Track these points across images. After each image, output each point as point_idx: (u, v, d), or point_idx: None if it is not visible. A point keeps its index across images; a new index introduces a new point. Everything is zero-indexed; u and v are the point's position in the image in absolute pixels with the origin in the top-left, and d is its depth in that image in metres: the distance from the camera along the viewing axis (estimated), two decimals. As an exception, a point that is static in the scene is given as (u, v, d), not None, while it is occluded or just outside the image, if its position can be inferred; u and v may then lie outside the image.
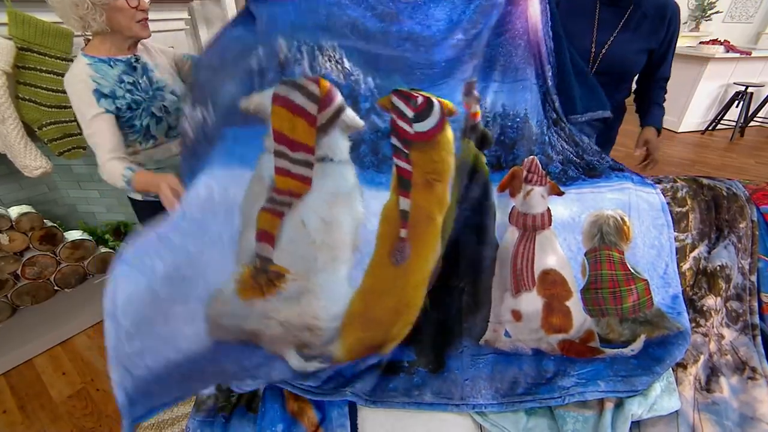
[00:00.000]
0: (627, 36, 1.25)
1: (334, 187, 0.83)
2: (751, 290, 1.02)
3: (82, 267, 1.90)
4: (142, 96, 1.07)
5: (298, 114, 0.81)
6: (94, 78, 1.00)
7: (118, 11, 0.95)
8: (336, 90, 0.84)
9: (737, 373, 0.94)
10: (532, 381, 0.92)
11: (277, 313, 0.80)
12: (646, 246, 1.00)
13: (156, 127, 1.12)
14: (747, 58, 3.99)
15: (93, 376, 1.54)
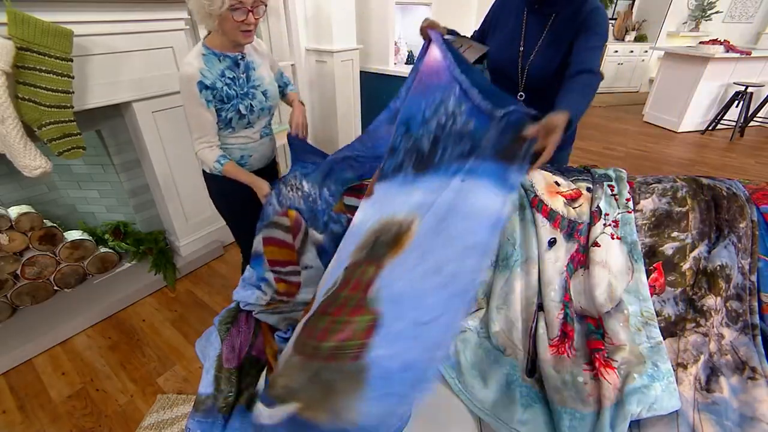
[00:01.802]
0: (549, 48, 1.19)
1: (315, 287, 1.01)
2: (751, 290, 1.02)
3: (81, 267, 1.90)
4: (236, 91, 1.22)
5: (282, 246, 1.08)
6: (201, 70, 1.14)
7: (225, 21, 1.08)
8: (300, 216, 1.09)
9: (737, 372, 0.94)
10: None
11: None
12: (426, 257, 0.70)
13: (237, 122, 1.26)
14: (747, 58, 3.99)
15: (92, 376, 1.54)
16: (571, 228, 1.11)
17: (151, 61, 1.71)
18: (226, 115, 1.22)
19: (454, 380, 0.98)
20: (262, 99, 1.29)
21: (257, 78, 1.27)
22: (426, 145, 0.87)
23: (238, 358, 0.99)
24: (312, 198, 1.12)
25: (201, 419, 0.90)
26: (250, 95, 1.25)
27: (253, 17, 1.10)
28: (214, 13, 1.05)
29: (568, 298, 1.06)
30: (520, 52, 1.24)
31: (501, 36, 1.29)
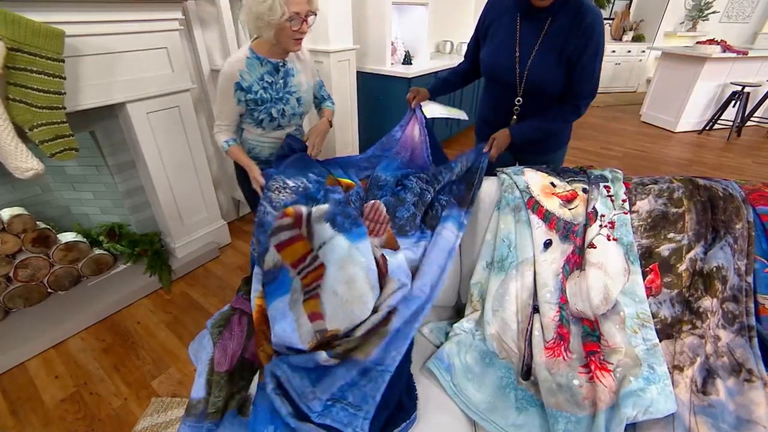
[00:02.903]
0: (544, 53, 1.20)
1: (338, 257, 1.03)
2: (747, 291, 1.02)
3: (76, 269, 1.88)
4: (271, 95, 1.30)
5: (295, 241, 1.07)
6: (241, 72, 1.24)
7: (282, 30, 1.17)
8: (297, 206, 1.09)
9: (733, 375, 0.93)
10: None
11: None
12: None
13: (268, 124, 1.35)
14: (743, 57, 4.00)
15: (86, 379, 1.53)
16: (567, 229, 1.11)
17: (146, 61, 1.70)
18: (258, 116, 1.32)
19: (449, 383, 0.98)
20: (295, 105, 1.37)
21: (294, 84, 1.35)
22: (428, 203, 1.18)
23: (231, 362, 0.97)
24: (302, 187, 1.16)
25: (193, 424, 0.89)
26: (284, 100, 1.33)
27: (306, 26, 1.19)
28: (273, 22, 1.13)
29: (563, 300, 1.05)
30: (517, 58, 1.24)
31: (495, 42, 1.30)
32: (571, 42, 1.16)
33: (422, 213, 1.15)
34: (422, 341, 1.11)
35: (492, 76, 1.35)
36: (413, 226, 1.13)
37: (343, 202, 1.15)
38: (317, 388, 0.88)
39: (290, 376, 0.90)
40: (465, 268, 1.23)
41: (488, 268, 1.14)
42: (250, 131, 1.40)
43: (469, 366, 1.01)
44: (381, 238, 1.12)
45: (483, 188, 1.21)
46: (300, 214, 1.08)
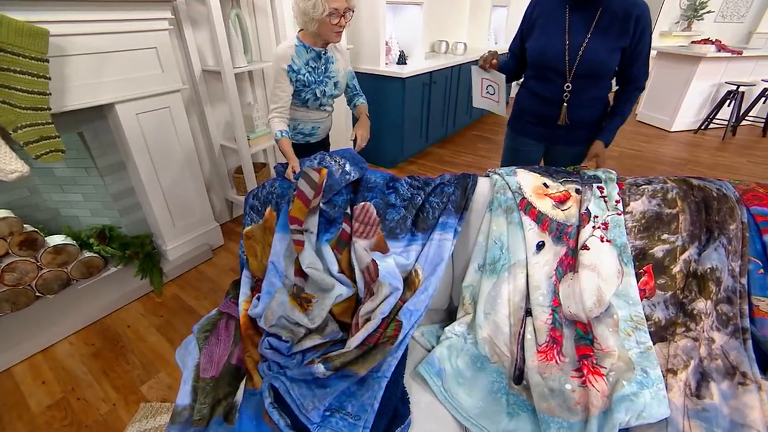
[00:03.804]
0: (598, 38, 1.30)
1: (310, 247, 1.10)
2: (742, 293, 1.00)
3: (65, 272, 1.85)
4: (315, 78, 1.51)
5: (305, 203, 1.12)
6: (292, 57, 1.44)
7: (324, 24, 1.36)
8: (327, 180, 1.14)
9: (728, 378, 0.92)
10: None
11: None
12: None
13: (312, 103, 1.57)
14: (738, 57, 4.00)
15: (74, 385, 1.50)
16: (560, 231, 1.09)
17: (134, 61, 1.67)
18: (304, 96, 1.52)
19: (439, 388, 0.96)
20: (332, 87, 1.58)
21: (333, 70, 1.55)
22: (418, 208, 1.16)
23: (217, 368, 0.96)
24: (348, 177, 1.18)
25: (177, 431, 0.87)
26: (324, 83, 1.54)
27: (344, 21, 1.37)
28: (316, 17, 1.33)
29: (556, 303, 1.04)
30: (567, 45, 1.33)
31: (543, 34, 1.40)
32: (626, 31, 1.28)
33: (413, 215, 1.13)
34: (413, 345, 1.10)
35: (541, 64, 1.42)
36: (404, 229, 1.12)
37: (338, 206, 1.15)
38: (316, 399, 0.86)
39: (290, 387, 0.88)
40: (457, 271, 1.22)
41: (480, 270, 1.13)
42: (296, 110, 1.60)
43: (460, 370, 1.00)
44: (371, 241, 1.10)
45: (476, 188, 1.19)
46: (323, 183, 1.13)
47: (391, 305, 1.01)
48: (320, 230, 1.12)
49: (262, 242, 1.18)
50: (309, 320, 1.01)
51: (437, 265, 1.07)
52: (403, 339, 0.97)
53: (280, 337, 0.98)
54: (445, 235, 1.10)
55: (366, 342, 0.96)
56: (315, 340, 1.00)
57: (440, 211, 1.13)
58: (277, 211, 1.18)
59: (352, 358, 0.92)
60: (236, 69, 2.09)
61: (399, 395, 0.91)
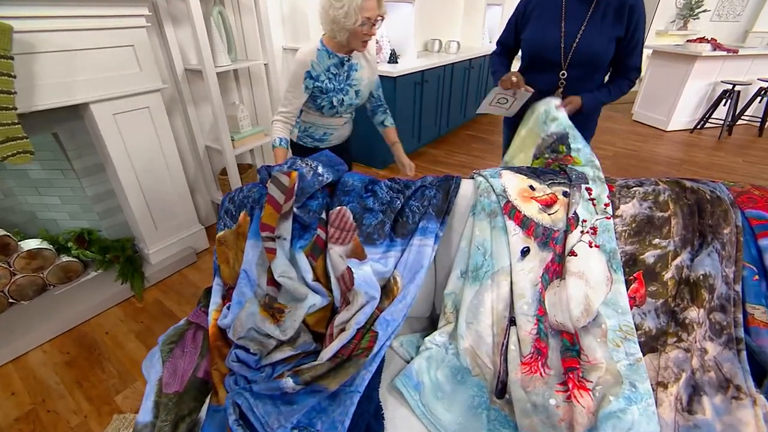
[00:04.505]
0: (595, 28, 1.33)
1: (283, 255, 1.04)
2: (736, 301, 0.95)
3: (40, 277, 1.79)
4: (334, 85, 1.43)
5: (275, 209, 1.05)
6: (312, 63, 1.37)
7: (354, 33, 1.31)
8: (301, 179, 1.07)
9: (721, 391, 0.87)
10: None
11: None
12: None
13: (328, 111, 1.49)
14: (734, 56, 3.97)
15: (44, 396, 1.44)
16: (546, 236, 1.04)
17: (110, 60, 1.62)
18: (320, 103, 1.45)
19: (417, 402, 0.91)
20: (353, 96, 1.50)
21: (356, 78, 1.48)
22: (397, 212, 1.10)
23: (181, 382, 0.90)
24: (321, 179, 1.11)
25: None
26: (344, 91, 1.46)
27: (374, 29, 1.32)
28: (347, 27, 1.27)
29: (542, 312, 0.99)
30: (563, 33, 1.35)
31: (539, 23, 1.42)
32: (621, 20, 1.31)
33: (392, 220, 1.07)
34: (391, 356, 1.04)
35: (536, 54, 1.43)
36: (382, 234, 1.06)
37: (314, 211, 1.09)
38: (282, 416, 0.81)
39: (253, 404, 0.82)
40: (440, 277, 1.17)
41: (463, 277, 1.07)
42: (309, 113, 1.54)
43: (439, 384, 0.94)
44: (347, 247, 1.05)
45: (459, 191, 1.14)
46: (294, 187, 1.06)
47: (367, 315, 0.96)
48: (294, 236, 1.06)
49: (235, 248, 1.13)
50: (280, 332, 0.96)
51: (417, 273, 1.02)
52: (378, 351, 0.91)
53: (248, 350, 0.93)
54: (426, 240, 1.05)
55: (339, 354, 0.91)
56: (286, 352, 0.94)
57: (420, 215, 1.08)
58: (251, 216, 1.13)
59: (323, 372, 0.87)
60: (219, 68, 2.03)
61: (372, 411, 0.86)
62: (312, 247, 1.07)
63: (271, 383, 0.85)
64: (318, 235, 1.07)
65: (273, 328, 0.96)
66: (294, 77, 1.39)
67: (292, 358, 0.95)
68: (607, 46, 1.33)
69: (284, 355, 0.94)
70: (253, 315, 0.96)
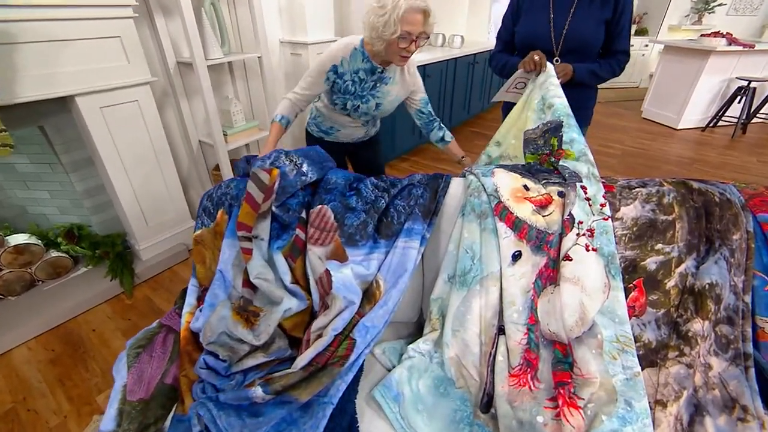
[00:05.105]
0: (583, 12, 1.33)
1: (261, 256, 1.00)
2: (745, 313, 0.88)
3: (28, 273, 1.77)
4: (356, 89, 1.36)
5: (253, 207, 1.01)
6: (343, 58, 1.30)
7: (391, 45, 1.22)
8: (283, 177, 1.02)
9: (725, 412, 0.80)
10: None
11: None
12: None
13: (339, 109, 1.42)
14: (750, 51, 3.82)
15: (26, 394, 1.42)
16: (540, 239, 0.97)
17: (96, 51, 1.57)
18: (334, 99, 1.39)
19: (396, 415, 0.85)
20: (372, 107, 1.41)
21: (382, 91, 1.39)
22: (381, 212, 1.04)
23: (147, 389, 0.86)
24: (305, 178, 1.06)
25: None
26: (364, 99, 1.38)
27: (415, 46, 1.22)
28: (385, 37, 1.18)
29: (533, 321, 0.92)
30: (552, 22, 1.36)
31: (529, 14, 1.43)
32: (608, 5, 1.31)
33: (375, 220, 1.01)
34: (373, 364, 0.99)
35: (529, 44, 1.42)
36: (364, 235, 1.00)
37: (293, 209, 1.04)
38: (246, 429, 0.76)
39: (216, 415, 0.77)
40: (428, 281, 1.11)
41: (450, 282, 1.01)
42: (323, 102, 1.48)
43: (420, 395, 0.89)
44: (326, 248, 0.99)
45: (448, 190, 1.08)
46: (274, 185, 1.00)
47: (346, 321, 0.90)
48: (272, 236, 1.01)
49: (212, 248, 1.08)
50: (254, 336, 0.90)
51: (400, 277, 0.96)
52: (355, 360, 0.86)
53: (217, 356, 0.88)
54: (411, 242, 0.98)
55: (314, 362, 0.85)
56: (258, 358, 0.89)
57: (406, 215, 1.02)
58: (229, 214, 1.08)
59: (295, 381, 0.81)
60: (210, 61, 1.99)
61: (346, 425, 0.81)
62: (291, 248, 1.01)
63: (240, 392, 0.80)
64: (297, 235, 1.01)
65: (246, 332, 0.91)
66: (320, 65, 1.32)
67: (266, 365, 0.90)
68: (596, 30, 1.34)
69: (257, 362, 0.89)
70: (225, 319, 0.91)
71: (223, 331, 0.91)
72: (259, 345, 0.91)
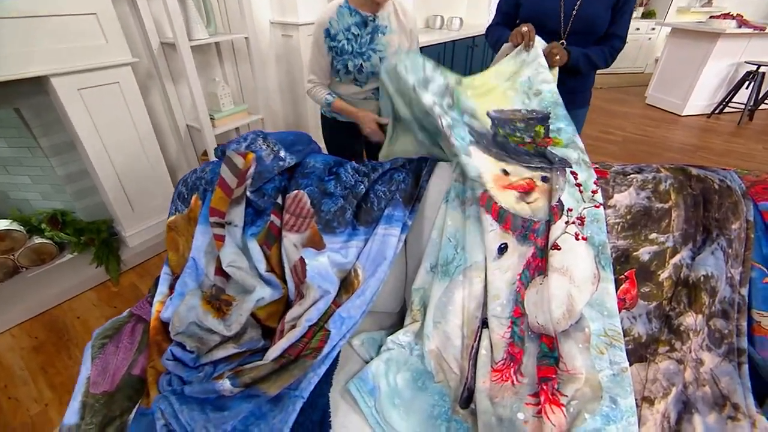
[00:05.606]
0: None
1: (234, 244, 0.97)
2: (741, 306, 0.83)
3: (11, 259, 1.74)
4: (353, 47, 1.28)
5: (226, 192, 0.97)
6: (330, 20, 1.25)
7: None
8: (253, 168, 0.97)
9: (715, 410, 0.76)
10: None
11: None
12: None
13: (344, 76, 1.35)
14: (761, 34, 3.67)
15: (7, 381, 1.40)
16: (526, 228, 0.92)
17: (71, 29, 1.50)
18: (335, 65, 1.32)
19: (371, 409, 0.82)
20: (377, 63, 1.31)
21: (381, 43, 1.31)
22: (360, 197, 0.99)
23: (112, 381, 0.82)
24: (282, 164, 1.01)
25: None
26: (365, 56, 1.30)
27: None
28: None
29: (518, 314, 0.88)
30: (562, 4, 1.29)
31: None
32: None
33: (354, 206, 0.96)
34: (350, 355, 0.95)
35: (535, 21, 1.32)
36: (343, 222, 0.95)
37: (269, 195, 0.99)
38: (210, 423, 0.72)
39: (178, 409, 0.74)
40: (411, 270, 1.06)
41: (432, 271, 0.97)
42: (330, 78, 1.41)
43: (398, 389, 0.85)
44: (302, 235, 0.95)
45: (432, 175, 1.02)
46: (246, 175, 0.96)
47: (320, 311, 0.86)
48: (246, 222, 0.97)
49: (186, 235, 1.04)
50: (225, 327, 0.87)
51: (379, 265, 0.91)
52: (329, 352, 0.82)
53: (185, 347, 0.84)
54: (391, 229, 0.94)
55: (287, 354, 0.82)
56: (229, 349, 0.86)
57: (387, 201, 0.96)
58: (203, 199, 1.03)
59: (265, 373, 0.78)
60: (195, 41, 1.91)
61: (318, 419, 0.78)
62: (266, 235, 0.97)
63: (206, 385, 0.77)
64: (272, 221, 0.96)
65: (216, 322, 0.87)
66: (315, 40, 1.30)
67: (237, 356, 0.87)
68: (605, 14, 1.29)
69: (227, 353, 0.86)
70: (194, 308, 0.87)
71: (192, 321, 0.87)
72: (231, 335, 0.87)
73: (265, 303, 0.90)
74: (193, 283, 0.93)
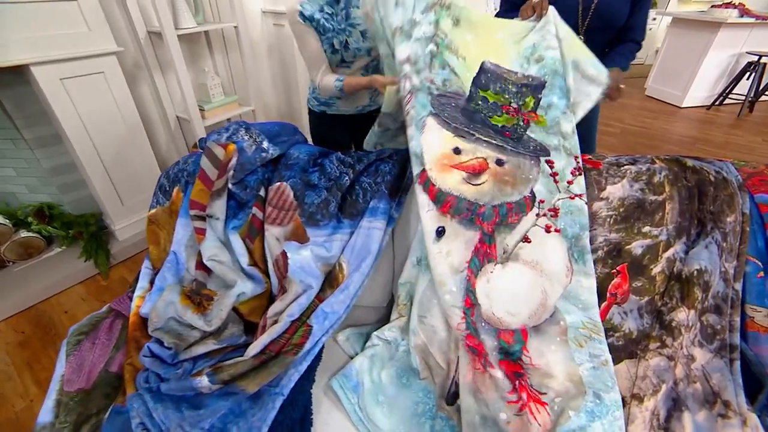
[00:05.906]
0: None
1: (216, 237, 0.95)
2: (734, 301, 0.81)
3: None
4: (333, 26, 1.23)
5: (206, 185, 0.96)
6: (301, 3, 1.18)
7: None
8: (235, 159, 0.96)
9: (706, 407, 0.74)
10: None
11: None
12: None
13: (331, 56, 1.28)
14: (763, 23, 3.61)
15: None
16: (471, 211, 0.87)
17: (51, 16, 1.45)
18: (324, 47, 1.26)
19: (354, 406, 0.80)
20: (359, 37, 1.27)
21: (357, 17, 1.26)
22: (345, 189, 0.96)
23: (87, 378, 0.80)
24: (265, 155, 0.99)
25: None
26: (346, 32, 1.26)
27: None
28: None
29: (469, 304, 0.83)
30: None
31: None
32: None
33: (338, 199, 0.93)
34: (335, 351, 0.93)
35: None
36: (326, 215, 0.93)
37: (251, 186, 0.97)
38: (185, 422, 0.70)
39: (152, 407, 0.72)
40: (398, 264, 1.03)
41: (418, 265, 0.94)
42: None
43: (382, 386, 0.83)
44: (285, 228, 0.92)
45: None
46: (227, 167, 0.93)
47: (302, 306, 0.84)
48: (228, 215, 0.94)
49: (168, 228, 1.01)
50: (205, 322, 0.84)
51: (363, 260, 0.89)
52: (311, 348, 0.80)
53: (163, 343, 0.82)
54: (375, 222, 0.91)
55: (267, 350, 0.80)
56: (209, 345, 0.83)
57: (372, 193, 0.94)
58: (185, 192, 1.00)
59: (245, 370, 0.76)
60: (182, 30, 1.86)
61: (299, 417, 0.76)
62: (248, 228, 0.94)
63: (184, 382, 0.75)
64: (254, 214, 0.93)
65: (196, 318, 0.85)
66: (296, 30, 1.24)
67: (217, 352, 0.85)
68: (624, 7, 1.22)
69: (207, 349, 0.83)
70: (173, 304, 0.85)
71: (171, 316, 0.85)
72: (211, 331, 0.85)
73: (246, 298, 0.87)
74: (172, 277, 0.91)
